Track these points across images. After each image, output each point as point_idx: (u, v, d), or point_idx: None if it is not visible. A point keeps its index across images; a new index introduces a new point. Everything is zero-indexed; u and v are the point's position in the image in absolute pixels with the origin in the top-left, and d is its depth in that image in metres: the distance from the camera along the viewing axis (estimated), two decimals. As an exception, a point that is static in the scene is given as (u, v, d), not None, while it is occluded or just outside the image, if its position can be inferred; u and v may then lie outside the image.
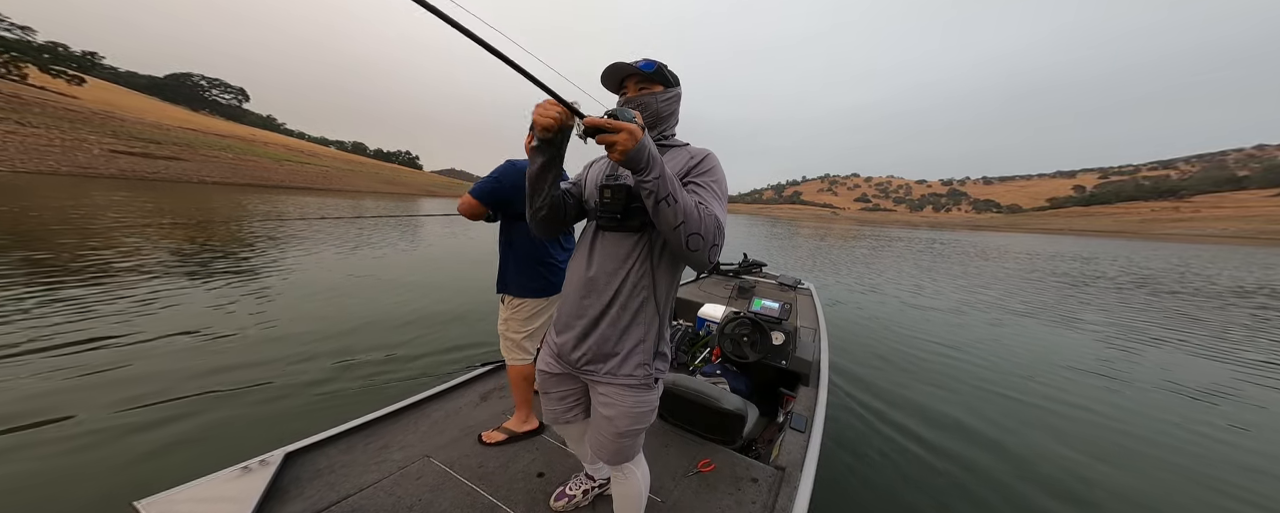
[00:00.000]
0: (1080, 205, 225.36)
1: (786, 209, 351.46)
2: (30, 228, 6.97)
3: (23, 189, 14.50)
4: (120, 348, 2.92)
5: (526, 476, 1.44)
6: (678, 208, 0.75)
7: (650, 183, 0.74)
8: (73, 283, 4.18)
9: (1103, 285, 10.15)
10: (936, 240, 30.41)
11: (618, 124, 0.70)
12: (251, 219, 8.01)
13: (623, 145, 0.69)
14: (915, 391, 3.31)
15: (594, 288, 0.92)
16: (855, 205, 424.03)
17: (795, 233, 27.65)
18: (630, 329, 0.91)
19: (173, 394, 2.39)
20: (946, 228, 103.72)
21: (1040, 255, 19.30)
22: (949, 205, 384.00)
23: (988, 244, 28.62)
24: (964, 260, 14.86)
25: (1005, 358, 4.28)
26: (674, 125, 0.99)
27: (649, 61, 0.91)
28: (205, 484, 1.18)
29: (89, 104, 48.71)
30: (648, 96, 0.92)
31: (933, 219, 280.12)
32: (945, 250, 19.32)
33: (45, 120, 34.94)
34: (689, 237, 0.77)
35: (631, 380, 0.92)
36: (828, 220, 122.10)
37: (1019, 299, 7.68)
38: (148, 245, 6.24)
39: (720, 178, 0.90)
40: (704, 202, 0.81)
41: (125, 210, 10.23)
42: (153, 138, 41.49)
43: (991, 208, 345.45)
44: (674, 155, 0.93)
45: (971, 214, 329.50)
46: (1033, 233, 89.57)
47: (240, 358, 2.91)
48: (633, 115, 0.73)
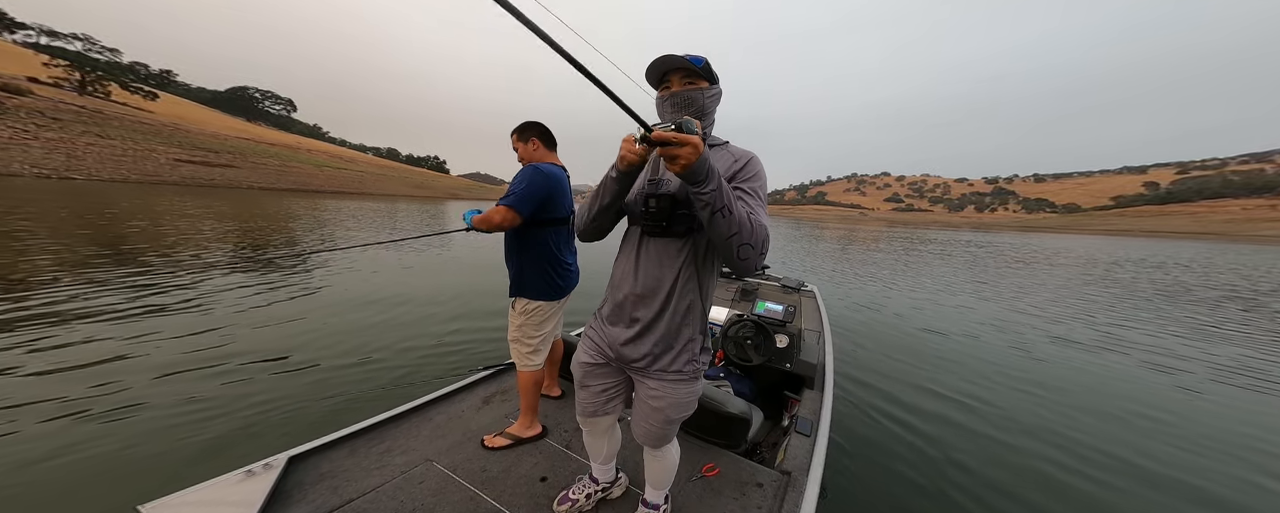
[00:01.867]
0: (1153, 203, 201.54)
1: (810, 210, 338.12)
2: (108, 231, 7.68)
3: (96, 194, 16.29)
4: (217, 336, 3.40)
5: (530, 480, 1.44)
6: (733, 220, 0.76)
7: (707, 195, 0.74)
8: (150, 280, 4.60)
9: (1181, 296, 8.81)
10: (974, 242, 28.36)
11: (684, 138, 0.69)
12: (301, 244, 8.27)
13: (686, 159, 0.70)
14: (923, 394, 3.25)
15: (647, 291, 0.96)
16: (885, 206, 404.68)
17: (817, 236, 26.30)
18: (681, 328, 0.96)
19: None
20: (990, 229, 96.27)
21: (1099, 260, 17.36)
22: (994, 205, 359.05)
23: (1036, 247, 26.19)
24: (998, 265, 13.68)
25: (1026, 367, 4.09)
26: (712, 123, 1.00)
27: (698, 57, 0.90)
28: (209, 488, 1.19)
29: (160, 117, 54.12)
30: (694, 91, 0.91)
31: (974, 220, 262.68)
32: (980, 254, 17.94)
33: (121, 133, 39.11)
34: (741, 247, 0.79)
35: (681, 376, 0.98)
36: (854, 221, 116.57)
37: (1048, 309, 6.94)
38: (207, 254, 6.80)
39: (764, 183, 0.91)
40: (753, 210, 0.82)
41: (179, 219, 11.20)
42: (210, 147, 45.54)
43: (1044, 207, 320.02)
44: (718, 156, 0.95)
45: (1020, 214, 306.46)
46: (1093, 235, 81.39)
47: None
48: (695, 127, 0.73)
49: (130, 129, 41.33)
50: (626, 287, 0.99)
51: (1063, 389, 3.60)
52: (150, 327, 3.51)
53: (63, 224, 8.33)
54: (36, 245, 6.17)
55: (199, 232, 8.48)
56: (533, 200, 1.48)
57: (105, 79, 61.30)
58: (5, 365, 2.64)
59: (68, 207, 11.44)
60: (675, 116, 0.86)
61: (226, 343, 3.25)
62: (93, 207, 11.96)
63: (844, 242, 21.63)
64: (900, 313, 6.01)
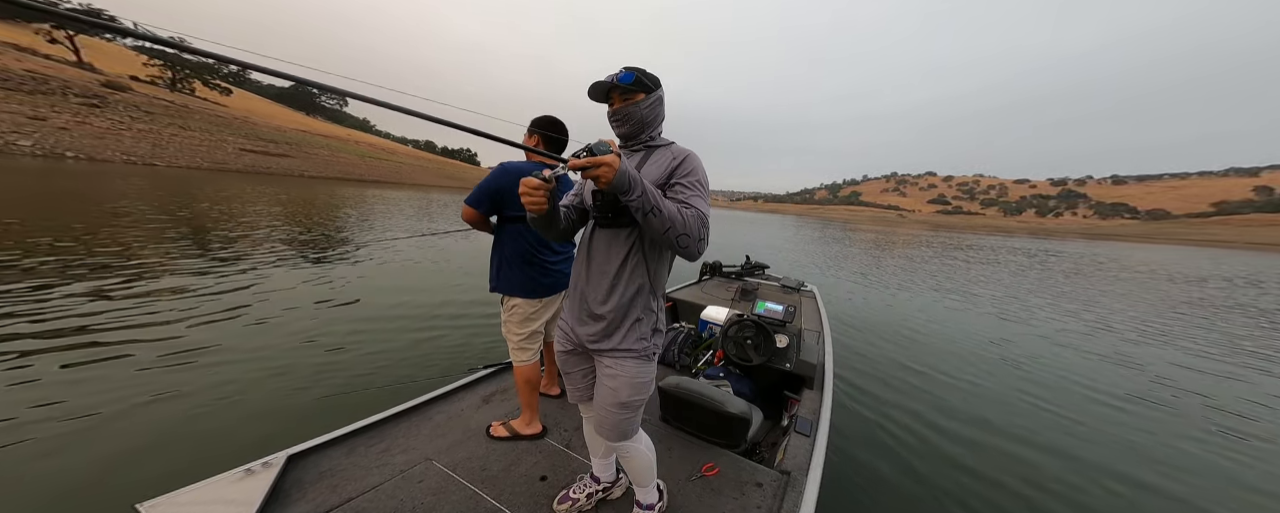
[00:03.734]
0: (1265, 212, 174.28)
1: (840, 211, 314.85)
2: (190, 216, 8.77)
3: (178, 179, 18.77)
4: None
5: (529, 479, 1.45)
6: (663, 217, 0.88)
7: (635, 201, 0.85)
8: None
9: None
10: (1024, 249, 26.23)
11: (597, 161, 0.80)
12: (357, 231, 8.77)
13: (604, 177, 0.81)
14: (924, 394, 3.31)
15: (595, 276, 1.07)
16: (928, 207, 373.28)
17: (827, 238, 25.16)
18: (630, 308, 1.06)
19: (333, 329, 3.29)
20: (1052, 236, 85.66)
21: (1179, 275, 15.21)
22: (1059, 209, 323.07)
23: (1105, 257, 23.71)
24: (1036, 272, 12.82)
25: (1028, 374, 4.14)
26: (659, 125, 1.10)
27: (628, 72, 1.01)
28: (208, 487, 1.19)
29: (233, 111, 60.50)
30: (631, 107, 1.03)
31: (1034, 225, 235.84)
32: (1027, 262, 16.80)
33: (200, 124, 44.21)
34: (677, 238, 0.90)
35: (632, 353, 1.07)
36: (891, 224, 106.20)
37: (1039, 313, 6.74)
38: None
39: (701, 177, 1.02)
40: (687, 201, 0.95)
41: (248, 203, 12.68)
42: (272, 138, 50.44)
43: (1122, 212, 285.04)
44: (659, 157, 1.06)
45: (1091, 220, 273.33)
46: (1181, 245, 70.94)
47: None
48: (607, 148, 0.85)
49: (207, 121, 46.63)
50: (581, 272, 1.11)
51: (1054, 388, 3.68)
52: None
53: (168, 206, 9.71)
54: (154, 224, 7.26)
55: (268, 224, 8.95)
56: (487, 195, 1.52)
57: (191, 77, 69.09)
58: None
59: (164, 190, 13.25)
60: (616, 128, 1.07)
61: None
62: (181, 191, 13.68)
63: (846, 243, 20.78)
64: (901, 315, 6.07)
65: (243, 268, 5.27)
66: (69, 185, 12.40)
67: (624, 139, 1.09)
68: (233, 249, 6.23)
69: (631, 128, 1.06)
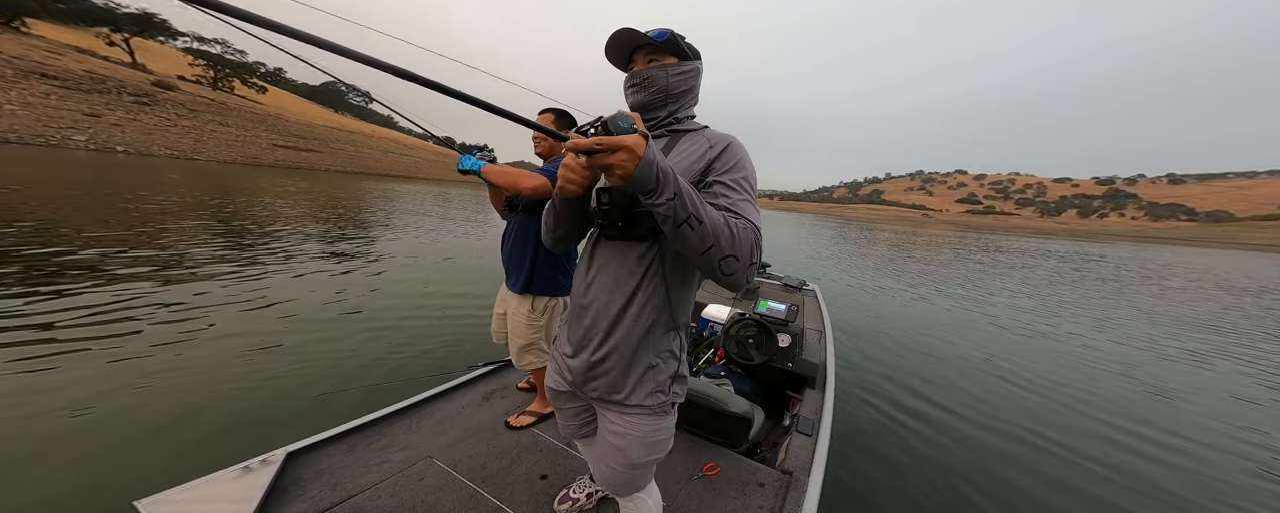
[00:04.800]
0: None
1: (862, 210, 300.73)
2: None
3: (214, 173, 20.12)
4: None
5: (530, 478, 1.44)
6: (704, 231, 0.62)
7: (664, 206, 0.60)
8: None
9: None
10: (1058, 253, 24.22)
11: (612, 142, 0.56)
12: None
13: (622, 169, 0.56)
14: (925, 395, 3.34)
15: (595, 306, 0.82)
16: (957, 207, 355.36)
17: (842, 238, 24.34)
18: (639, 353, 0.81)
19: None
20: (1095, 238, 79.97)
21: (1238, 285, 13.67)
22: (1105, 210, 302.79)
23: (1156, 263, 21.85)
24: (1064, 279, 12.06)
25: (1033, 370, 4.16)
26: (691, 106, 0.87)
27: (662, 30, 0.80)
28: (206, 484, 1.18)
29: (268, 109, 63.80)
30: (656, 69, 0.81)
31: (1074, 227, 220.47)
32: (1056, 266, 15.60)
33: (237, 121, 46.91)
34: (722, 260, 0.64)
35: (643, 410, 0.83)
36: (915, 224, 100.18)
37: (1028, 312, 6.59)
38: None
39: (749, 173, 0.76)
40: (735, 210, 0.69)
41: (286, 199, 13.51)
42: (301, 134, 53.01)
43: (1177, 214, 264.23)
44: (689, 143, 0.82)
45: (1141, 222, 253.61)
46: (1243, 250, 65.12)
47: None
48: (631, 124, 0.59)
49: (244, 118, 49.42)
50: (578, 297, 0.87)
51: (1053, 385, 3.69)
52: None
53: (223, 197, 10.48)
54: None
55: (287, 221, 9.24)
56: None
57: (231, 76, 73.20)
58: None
59: (217, 184, 14.15)
60: (632, 97, 0.81)
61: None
62: (216, 186, 14.59)
63: (859, 244, 20.22)
64: (903, 316, 6.09)
65: (250, 263, 5.38)
66: (121, 178, 13.39)
67: (641, 111, 0.84)
68: (245, 244, 6.42)
69: (651, 97, 0.81)
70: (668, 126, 0.86)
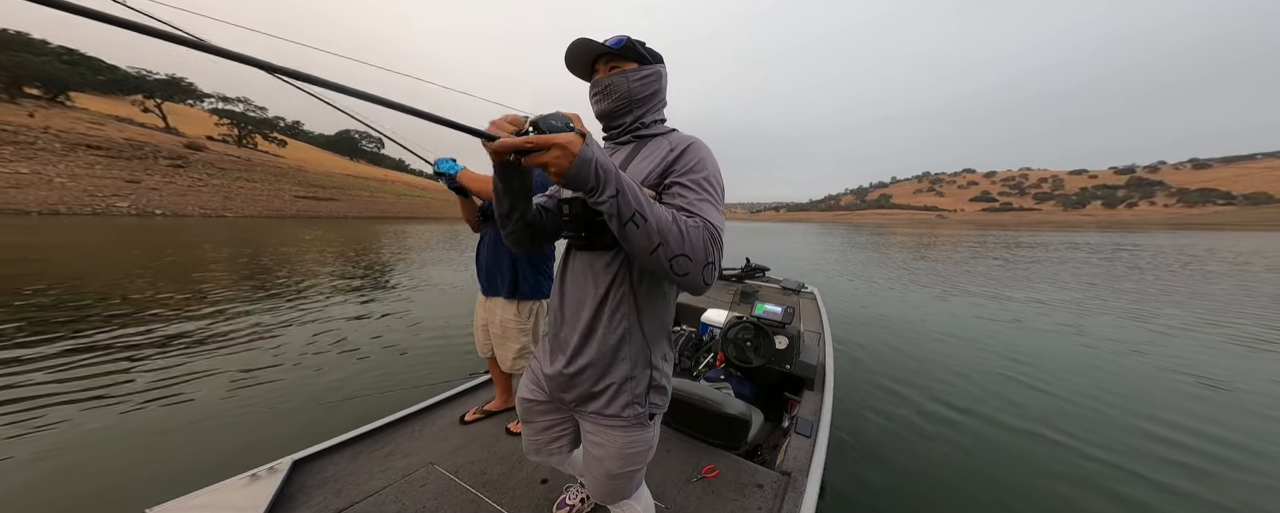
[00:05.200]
0: None
1: (873, 215, 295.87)
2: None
3: (242, 227, 21.11)
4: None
5: (530, 483, 1.46)
6: (650, 228, 0.62)
7: (605, 203, 0.61)
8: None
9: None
10: (1090, 244, 22.98)
11: (542, 140, 0.55)
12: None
13: (556, 165, 0.56)
14: (925, 395, 3.35)
15: (568, 317, 0.84)
16: (972, 206, 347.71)
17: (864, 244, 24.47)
18: (616, 363, 0.82)
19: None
20: (1130, 228, 75.78)
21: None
22: (1133, 198, 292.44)
23: (1201, 249, 20.45)
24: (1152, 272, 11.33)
25: (1033, 364, 4.09)
26: (658, 109, 0.88)
27: (619, 37, 0.80)
28: (214, 492, 1.20)
29: (289, 161, 67.18)
30: (617, 76, 0.81)
31: (1104, 217, 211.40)
32: (1107, 259, 14.93)
33: (261, 175, 49.38)
34: (672, 260, 0.64)
35: (620, 421, 0.83)
36: (930, 226, 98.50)
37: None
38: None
39: (710, 172, 0.75)
40: (690, 208, 0.69)
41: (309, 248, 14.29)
42: (321, 183, 55.46)
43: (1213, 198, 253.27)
44: (653, 147, 0.82)
45: (1174, 209, 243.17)
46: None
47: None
48: (566, 122, 0.59)
49: (267, 172, 52.03)
50: (556, 307, 0.88)
51: (1060, 383, 3.58)
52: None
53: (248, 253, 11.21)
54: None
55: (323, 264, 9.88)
56: (546, 190, 1.38)
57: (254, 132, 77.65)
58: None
59: (246, 240, 15.03)
60: (596, 106, 0.83)
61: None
62: (252, 240, 15.48)
63: (868, 249, 20.19)
64: (908, 316, 6.02)
65: (271, 296, 5.77)
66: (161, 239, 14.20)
67: (605, 120, 0.86)
68: (268, 284, 6.82)
69: (614, 104, 0.83)
70: (634, 132, 0.86)
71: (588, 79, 0.87)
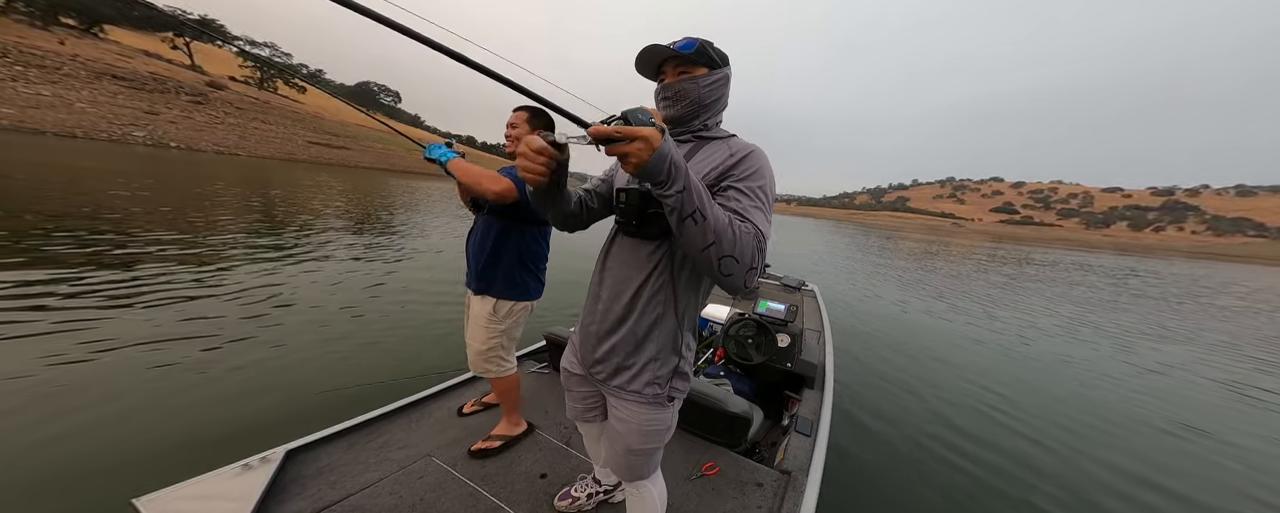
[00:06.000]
0: None
1: (886, 217, 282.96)
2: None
3: (257, 168, 21.78)
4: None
5: (529, 477, 1.45)
6: (707, 227, 0.66)
7: (672, 198, 0.64)
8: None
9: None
10: (1102, 267, 22.59)
11: (630, 131, 0.59)
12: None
13: (636, 157, 0.60)
14: (925, 395, 3.40)
15: (607, 295, 0.91)
16: (991, 216, 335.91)
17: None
18: (645, 344, 0.89)
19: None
20: (1151, 254, 72.03)
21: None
22: (1162, 222, 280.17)
23: (1216, 282, 19.82)
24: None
25: (1025, 367, 4.29)
26: (719, 112, 0.91)
27: (689, 40, 0.82)
28: (205, 482, 1.19)
29: (307, 108, 67.97)
30: (687, 82, 0.84)
31: (1125, 240, 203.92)
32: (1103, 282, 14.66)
33: (278, 119, 50.28)
34: (721, 260, 0.67)
35: (640, 398, 0.90)
36: (944, 233, 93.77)
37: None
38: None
39: (766, 182, 0.79)
40: (743, 214, 0.73)
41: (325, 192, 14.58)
42: (335, 132, 56.23)
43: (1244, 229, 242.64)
44: (712, 150, 0.86)
45: (1201, 237, 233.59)
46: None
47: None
48: (649, 117, 0.64)
49: (285, 117, 52.90)
50: (595, 287, 0.95)
51: (1048, 388, 3.71)
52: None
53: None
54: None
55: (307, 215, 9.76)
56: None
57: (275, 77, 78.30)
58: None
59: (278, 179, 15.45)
60: (665, 110, 0.87)
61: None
62: (273, 180, 15.80)
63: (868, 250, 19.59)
64: (910, 317, 6.25)
65: (255, 260, 5.37)
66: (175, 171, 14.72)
67: (672, 124, 0.91)
68: (252, 240, 6.41)
69: (683, 109, 0.86)
70: (696, 132, 0.90)
71: (655, 79, 0.90)
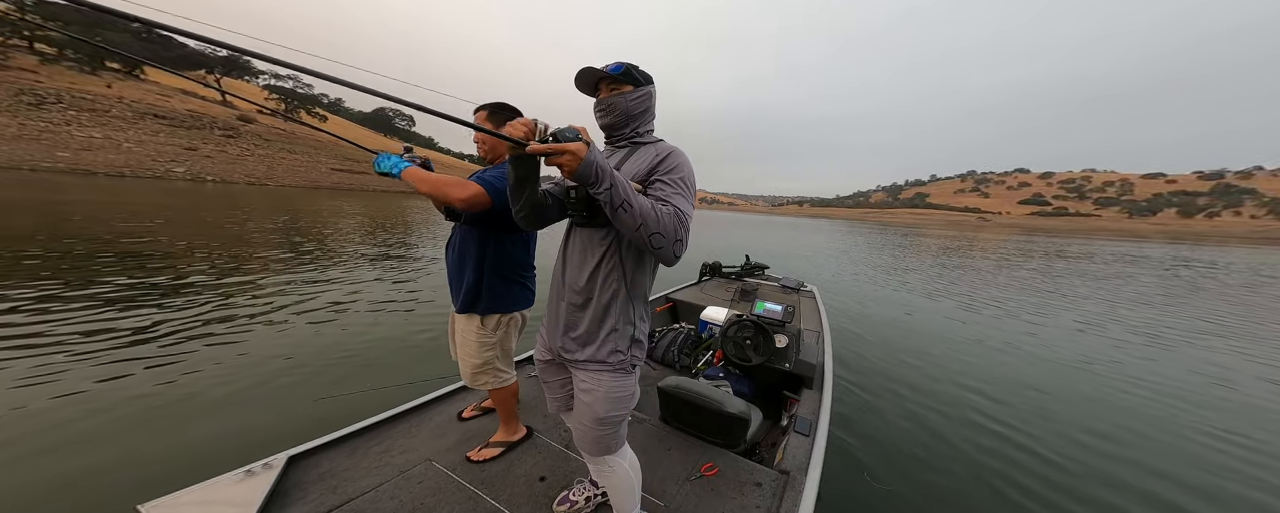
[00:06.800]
0: None
1: (905, 215, 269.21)
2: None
3: (283, 196, 23.09)
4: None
5: (529, 480, 1.46)
6: (634, 213, 0.84)
7: (603, 194, 0.82)
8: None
9: None
10: (1152, 258, 21.27)
11: (559, 148, 0.77)
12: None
13: (568, 166, 0.78)
14: (925, 394, 3.40)
15: (571, 281, 1.05)
16: (1019, 210, 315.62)
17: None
18: (605, 317, 1.03)
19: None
20: (1202, 241, 66.39)
21: None
22: (1216, 208, 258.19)
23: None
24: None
25: (1012, 360, 4.29)
26: (649, 122, 1.09)
27: (618, 64, 1.01)
28: (208, 488, 1.20)
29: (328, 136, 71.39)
30: (617, 97, 1.03)
31: (1176, 228, 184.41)
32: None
33: (302, 148, 52.97)
34: (650, 237, 0.86)
35: (606, 366, 1.03)
36: (969, 229, 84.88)
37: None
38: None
39: (685, 174, 0.98)
40: (666, 199, 0.92)
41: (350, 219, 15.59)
42: (354, 157, 58.74)
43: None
44: (644, 154, 1.04)
45: (1264, 221, 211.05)
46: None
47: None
48: (576, 134, 0.80)
49: (308, 145, 55.71)
50: (558, 277, 1.09)
51: (1058, 390, 3.66)
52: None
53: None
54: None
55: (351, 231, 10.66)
56: (502, 187, 1.36)
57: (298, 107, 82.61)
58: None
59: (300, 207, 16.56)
60: (600, 119, 1.06)
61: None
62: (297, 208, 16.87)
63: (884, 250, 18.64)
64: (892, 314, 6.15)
65: (258, 275, 5.63)
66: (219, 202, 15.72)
67: (607, 131, 1.10)
68: (259, 257, 6.78)
69: (615, 119, 1.05)
70: (630, 140, 1.09)
71: (592, 95, 1.09)
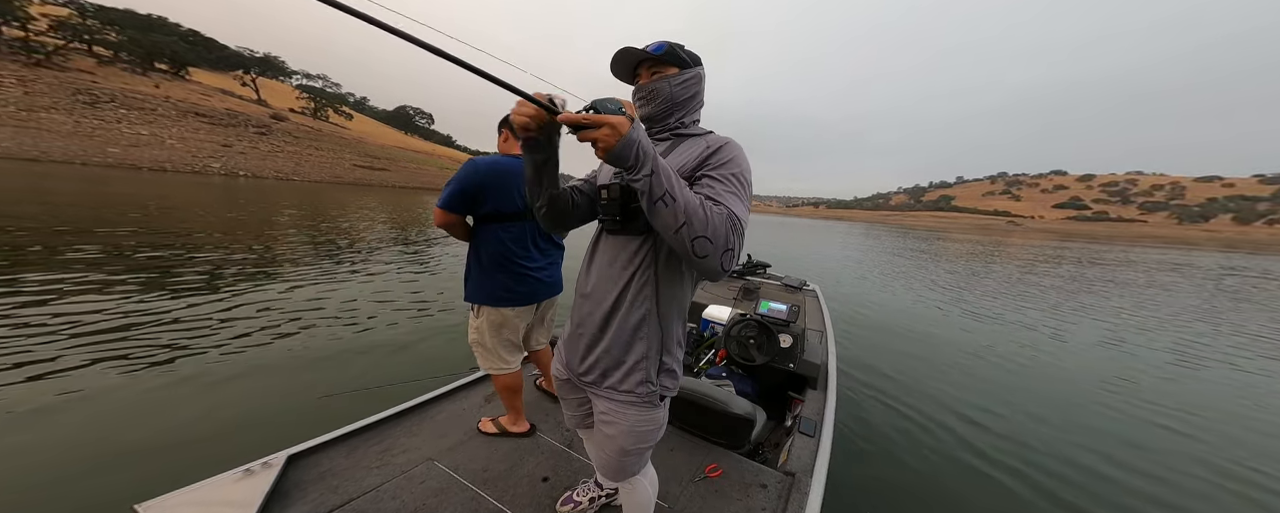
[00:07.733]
0: None
1: (927, 217, 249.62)
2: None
3: (308, 192, 24.47)
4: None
5: (532, 480, 1.46)
6: (676, 208, 0.68)
7: (641, 181, 0.68)
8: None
9: None
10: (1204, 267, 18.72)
11: (596, 119, 0.64)
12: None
13: (604, 142, 0.64)
14: (929, 394, 3.37)
15: (594, 296, 0.91)
16: (1054, 213, 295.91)
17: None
18: (633, 344, 0.88)
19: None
20: (1260, 249, 56.25)
21: None
22: (1278, 214, 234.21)
23: None
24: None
25: (1022, 361, 4.23)
26: (696, 110, 0.95)
27: (660, 43, 0.86)
28: (206, 487, 1.19)
29: (353, 133, 74.55)
30: (659, 82, 0.88)
31: (1232, 234, 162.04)
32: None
33: (329, 145, 55.63)
34: (694, 241, 0.69)
35: (632, 398, 0.90)
36: (999, 234, 76.50)
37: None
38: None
39: (741, 170, 0.81)
40: (716, 198, 0.75)
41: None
42: (376, 154, 61.40)
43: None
44: (690, 146, 0.89)
45: None
46: None
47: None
48: (618, 106, 0.68)
49: (334, 142, 58.49)
50: (581, 289, 0.96)
51: (1078, 382, 3.61)
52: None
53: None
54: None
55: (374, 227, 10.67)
56: (457, 196, 1.41)
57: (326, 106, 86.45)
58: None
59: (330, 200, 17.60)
60: (641, 109, 0.92)
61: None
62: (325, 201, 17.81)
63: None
64: (894, 312, 6.11)
65: (256, 272, 5.49)
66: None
67: (647, 122, 0.95)
68: (262, 254, 6.62)
69: (657, 108, 0.91)
70: (673, 131, 0.94)
71: (630, 83, 0.94)
